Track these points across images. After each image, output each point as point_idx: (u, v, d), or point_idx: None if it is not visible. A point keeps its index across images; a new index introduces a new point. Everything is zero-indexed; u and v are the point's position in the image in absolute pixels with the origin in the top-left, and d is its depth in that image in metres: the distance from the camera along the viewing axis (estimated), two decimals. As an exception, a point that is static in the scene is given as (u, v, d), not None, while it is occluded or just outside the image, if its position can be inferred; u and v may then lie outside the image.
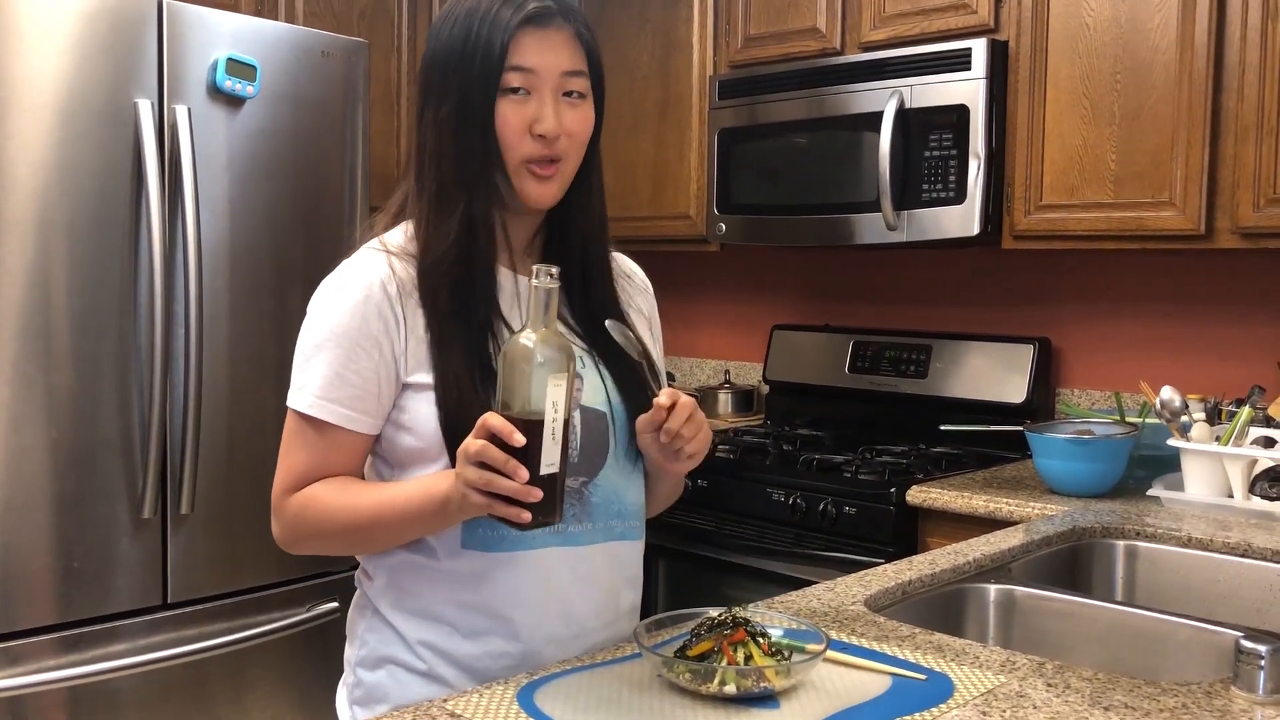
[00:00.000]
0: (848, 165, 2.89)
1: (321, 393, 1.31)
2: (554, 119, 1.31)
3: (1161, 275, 2.83)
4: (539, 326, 1.16)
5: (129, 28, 2.36)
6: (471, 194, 1.32)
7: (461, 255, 1.31)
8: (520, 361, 1.15)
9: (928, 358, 3.11)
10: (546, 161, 1.32)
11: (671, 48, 3.38)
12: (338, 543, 1.37)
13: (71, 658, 2.30)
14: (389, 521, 1.29)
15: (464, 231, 1.31)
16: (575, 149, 1.35)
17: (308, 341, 1.33)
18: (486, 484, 1.14)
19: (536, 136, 1.31)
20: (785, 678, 1.20)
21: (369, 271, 1.33)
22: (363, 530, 1.32)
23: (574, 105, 1.34)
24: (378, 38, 3.20)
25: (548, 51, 1.31)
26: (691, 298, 3.84)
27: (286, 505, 1.34)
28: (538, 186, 1.33)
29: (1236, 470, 2.20)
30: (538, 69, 1.31)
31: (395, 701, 1.36)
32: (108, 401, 2.34)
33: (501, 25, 1.29)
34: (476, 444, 1.14)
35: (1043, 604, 1.74)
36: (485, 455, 1.13)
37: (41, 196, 2.25)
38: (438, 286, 1.31)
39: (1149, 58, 2.47)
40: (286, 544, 1.37)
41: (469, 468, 1.15)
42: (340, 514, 1.31)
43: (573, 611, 1.36)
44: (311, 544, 1.36)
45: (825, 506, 2.59)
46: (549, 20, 1.31)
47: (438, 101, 1.33)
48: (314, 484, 1.32)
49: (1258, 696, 1.22)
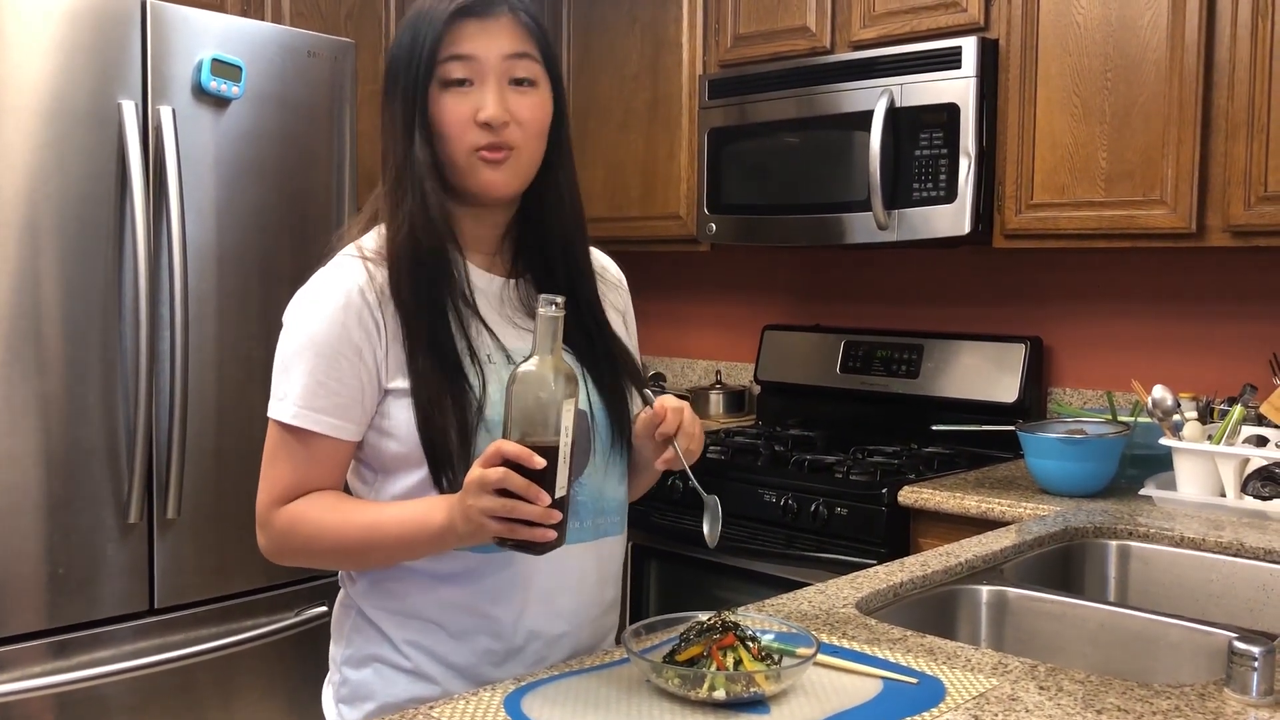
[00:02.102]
0: (838, 165, 2.88)
1: (304, 402, 1.30)
2: (496, 105, 1.30)
3: (1153, 274, 2.83)
4: (547, 354, 1.18)
5: (112, 28, 2.34)
6: (420, 186, 1.31)
7: (415, 247, 1.31)
8: (535, 389, 1.16)
9: (919, 357, 3.10)
10: (495, 148, 1.31)
11: (661, 47, 3.37)
12: (326, 560, 1.37)
13: (58, 664, 2.28)
14: (380, 544, 1.29)
15: (416, 223, 1.31)
16: (528, 138, 1.34)
17: (287, 351, 1.32)
18: (510, 510, 1.14)
19: (482, 125, 1.30)
20: (775, 682, 1.19)
21: (347, 279, 1.32)
22: (352, 552, 1.32)
23: (523, 93, 1.33)
24: (365, 38, 3.18)
25: (488, 38, 1.31)
26: (682, 298, 3.82)
27: (273, 519, 1.33)
28: (490, 172, 1.32)
29: (1229, 469, 2.20)
30: (477, 55, 1.30)
31: (381, 699, 1.36)
32: (93, 405, 2.32)
33: (438, 18, 1.30)
34: (497, 472, 1.13)
35: (1035, 605, 1.73)
36: (508, 482, 1.13)
37: (24, 199, 2.23)
38: (399, 281, 1.31)
39: (1139, 55, 2.47)
40: (273, 557, 1.36)
41: (487, 496, 1.15)
42: (329, 534, 1.30)
43: (557, 608, 1.36)
44: (299, 559, 1.36)
45: (817, 507, 2.57)
46: (488, 9, 1.31)
47: (390, 102, 1.34)
48: (302, 499, 1.32)
49: (1251, 698, 1.21)
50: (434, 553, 1.29)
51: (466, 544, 1.24)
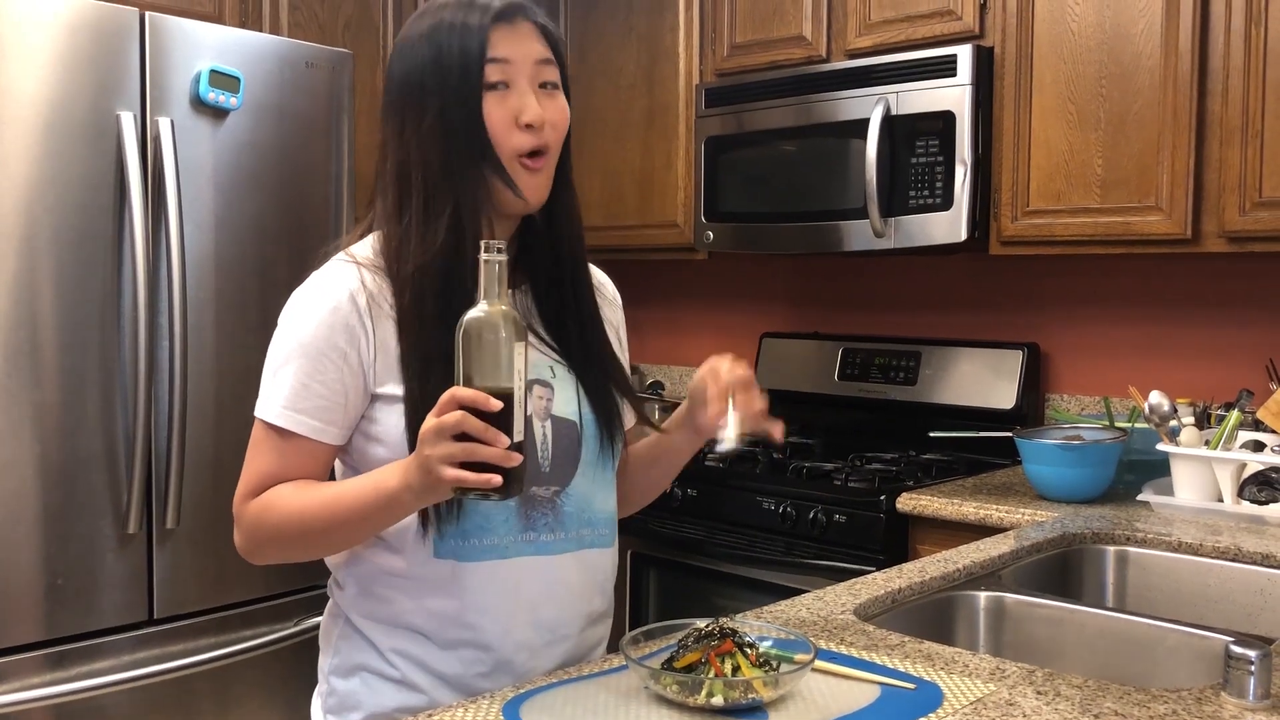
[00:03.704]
0: (835, 172, 2.89)
1: (288, 403, 1.30)
2: (536, 108, 1.32)
3: (1149, 279, 2.83)
4: (495, 299, 1.15)
5: (111, 39, 2.34)
6: (459, 197, 1.31)
7: (449, 262, 1.30)
8: (485, 334, 1.14)
9: (917, 364, 3.10)
10: (536, 154, 1.33)
11: (657, 56, 3.38)
12: (295, 546, 1.33)
13: (57, 674, 2.28)
14: (343, 517, 1.27)
15: (451, 236, 1.31)
16: (557, 141, 1.37)
17: (276, 352, 1.33)
18: (469, 454, 1.11)
19: (524, 127, 1.32)
20: (773, 689, 1.19)
21: (339, 283, 1.32)
22: (317, 531, 1.29)
23: (551, 96, 1.36)
24: (363, 49, 3.19)
25: (520, 43, 1.33)
26: (679, 306, 3.83)
27: (245, 511, 1.33)
28: (530, 178, 1.34)
29: (1226, 474, 2.20)
30: (513, 58, 1.32)
31: (369, 709, 1.36)
32: (92, 415, 2.33)
33: (474, 27, 1.31)
34: (454, 415, 1.11)
35: (1033, 611, 1.74)
36: (465, 425, 1.11)
37: (23, 210, 2.23)
38: (423, 293, 1.30)
39: (1133, 62, 2.48)
40: (248, 551, 1.35)
41: (444, 443, 1.12)
42: (295, 516, 1.29)
43: (543, 619, 1.36)
44: (271, 549, 1.34)
45: (815, 514, 2.58)
46: (515, 14, 1.33)
47: (418, 115, 1.32)
48: (271, 490, 1.31)
49: (1248, 702, 1.21)
50: (393, 520, 1.27)
51: (424, 502, 1.21)
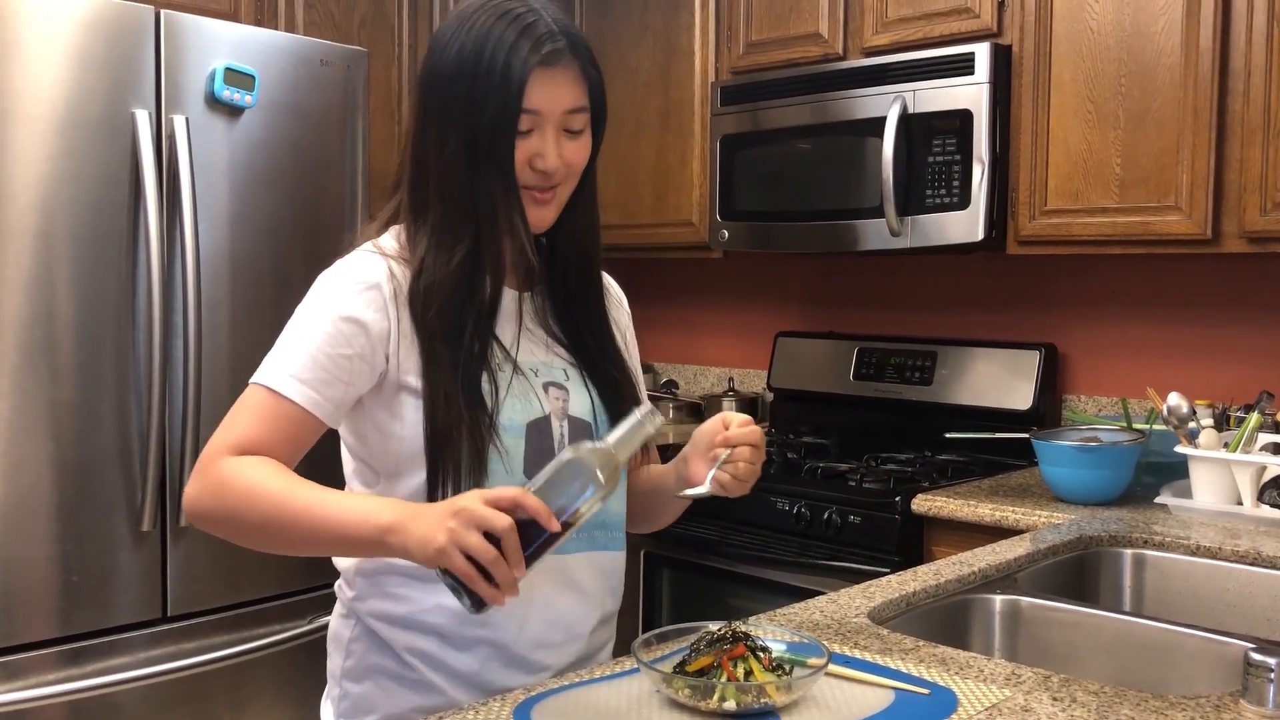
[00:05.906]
0: (851, 171, 2.87)
1: (294, 372, 1.28)
2: (555, 156, 1.32)
3: (1168, 280, 2.81)
4: (622, 451, 1.19)
5: (126, 38, 2.35)
6: (480, 230, 1.32)
7: (460, 287, 1.31)
8: (585, 469, 1.15)
9: (933, 364, 3.08)
10: (544, 189, 1.34)
11: (673, 54, 3.37)
12: (249, 531, 1.26)
13: (71, 671, 2.29)
14: (314, 528, 1.21)
15: (468, 264, 1.32)
16: (571, 177, 1.37)
17: (295, 324, 1.32)
18: (490, 565, 1.10)
19: (537, 170, 1.32)
20: (786, 693, 1.18)
21: (371, 268, 1.33)
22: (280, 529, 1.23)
23: (573, 138, 1.35)
24: (378, 46, 3.19)
25: (554, 91, 1.31)
26: (694, 305, 3.82)
27: (215, 465, 1.25)
28: (536, 210, 1.35)
29: (1245, 477, 2.18)
30: (544, 111, 1.31)
31: (384, 711, 1.35)
32: (107, 413, 2.33)
33: (518, 64, 1.28)
34: (505, 520, 1.10)
35: (1049, 614, 1.72)
36: (507, 540, 1.10)
37: (39, 208, 2.24)
38: (428, 308, 1.31)
39: (1153, 61, 2.45)
40: (196, 510, 1.26)
41: (475, 534, 1.10)
42: (264, 503, 1.22)
43: (556, 618, 1.36)
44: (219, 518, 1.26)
45: (830, 515, 2.57)
46: (558, 59, 1.31)
47: (442, 128, 1.32)
48: (251, 457, 1.26)
49: (1268, 710, 1.20)
50: (363, 553, 1.26)
51: (404, 554, 1.16)
